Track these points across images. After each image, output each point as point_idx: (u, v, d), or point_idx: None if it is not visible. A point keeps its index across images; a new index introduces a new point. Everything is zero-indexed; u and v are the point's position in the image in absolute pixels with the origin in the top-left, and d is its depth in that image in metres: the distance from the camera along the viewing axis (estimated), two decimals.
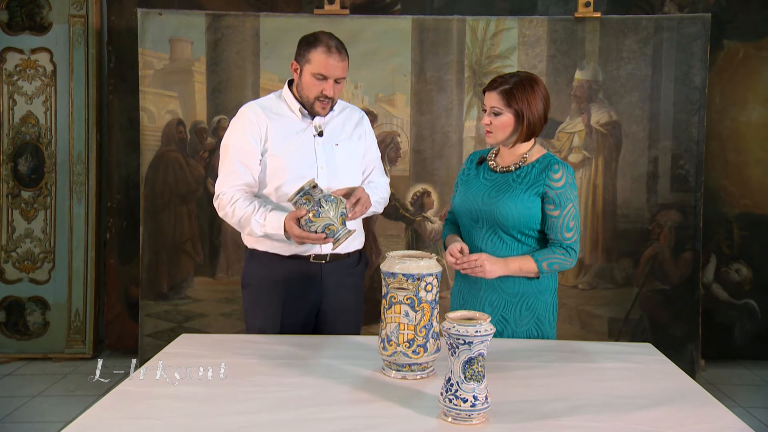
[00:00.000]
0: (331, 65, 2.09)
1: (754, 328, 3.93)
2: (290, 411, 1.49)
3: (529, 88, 1.96)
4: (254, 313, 2.21)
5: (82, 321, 3.98)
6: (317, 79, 2.10)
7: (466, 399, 1.41)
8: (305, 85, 2.13)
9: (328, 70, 2.09)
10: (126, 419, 1.44)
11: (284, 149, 2.14)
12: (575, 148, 3.67)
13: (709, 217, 3.80)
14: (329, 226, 1.88)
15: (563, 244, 2.00)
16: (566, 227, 1.99)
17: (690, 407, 1.52)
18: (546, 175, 1.98)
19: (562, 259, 1.99)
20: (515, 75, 2.00)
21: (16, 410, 3.21)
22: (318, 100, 2.13)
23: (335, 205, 1.90)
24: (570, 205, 1.99)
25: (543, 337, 2.06)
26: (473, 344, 1.40)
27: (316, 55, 2.09)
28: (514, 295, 2.03)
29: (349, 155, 2.23)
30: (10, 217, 4.02)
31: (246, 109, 2.21)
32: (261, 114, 2.16)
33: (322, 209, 1.87)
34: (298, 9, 3.84)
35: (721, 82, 3.87)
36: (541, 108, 1.99)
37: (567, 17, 3.66)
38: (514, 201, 1.98)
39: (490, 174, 2.08)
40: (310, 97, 2.14)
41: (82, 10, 3.96)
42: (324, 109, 2.16)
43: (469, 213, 2.07)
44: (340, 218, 1.89)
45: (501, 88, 1.97)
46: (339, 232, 1.90)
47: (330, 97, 2.12)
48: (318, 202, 1.88)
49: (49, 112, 4.02)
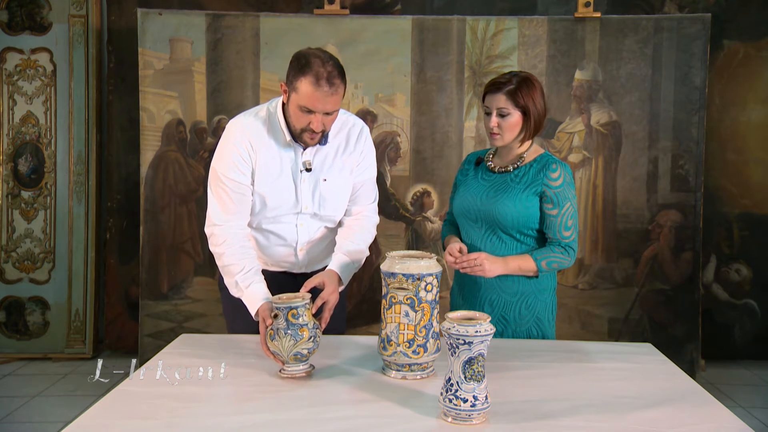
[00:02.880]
0: (318, 99, 1.83)
1: (754, 328, 3.93)
2: (290, 411, 1.49)
3: (531, 85, 1.98)
4: (234, 318, 2.14)
5: (82, 321, 3.98)
6: (303, 111, 1.87)
7: (466, 399, 1.41)
8: (292, 114, 1.91)
9: (314, 105, 1.84)
10: (126, 419, 1.44)
11: (269, 188, 2.00)
12: (575, 148, 3.67)
13: (709, 217, 3.80)
14: (278, 356, 1.69)
15: (562, 243, 2.00)
16: (564, 226, 1.99)
17: (690, 407, 1.52)
18: (544, 175, 1.99)
19: (561, 258, 2.00)
20: (515, 74, 2.00)
21: (16, 410, 3.21)
22: (304, 132, 1.92)
23: (294, 341, 1.66)
24: (568, 204, 1.99)
25: (543, 336, 2.07)
26: (473, 344, 1.40)
27: (303, 85, 1.83)
28: (514, 295, 2.03)
29: (336, 190, 2.06)
30: (10, 217, 4.02)
31: (237, 137, 1.99)
32: (250, 147, 1.98)
33: (278, 336, 1.67)
34: (298, 9, 3.84)
35: (721, 82, 3.87)
36: (542, 104, 2.00)
37: (567, 17, 3.66)
38: (513, 201, 1.99)
39: (488, 174, 2.08)
40: (297, 126, 1.92)
41: (82, 10, 3.96)
42: (312, 140, 1.94)
43: (467, 213, 2.07)
44: (291, 356, 1.67)
45: (506, 88, 1.96)
46: (286, 368, 1.70)
47: (317, 131, 1.91)
48: (279, 329, 1.68)
49: (49, 112, 4.02)
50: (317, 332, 1.71)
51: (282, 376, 1.68)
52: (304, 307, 1.69)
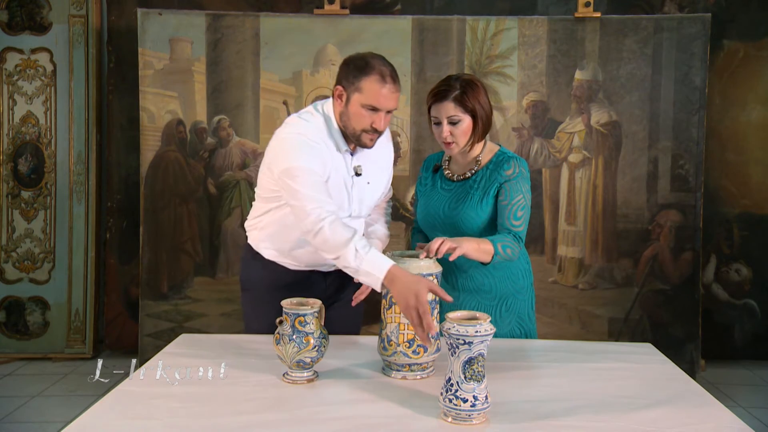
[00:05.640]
0: (384, 96, 1.85)
1: (754, 328, 3.93)
2: (290, 411, 1.49)
3: (475, 87, 1.94)
4: (254, 317, 2.15)
5: (82, 321, 3.98)
6: (367, 110, 1.86)
7: (466, 399, 1.41)
8: (352, 115, 1.89)
9: (381, 102, 1.85)
10: (126, 419, 1.44)
11: (332, 194, 1.94)
12: (575, 148, 3.67)
13: (709, 217, 3.80)
14: (282, 360, 1.68)
15: (511, 230, 1.96)
16: (514, 215, 1.96)
17: (690, 407, 1.52)
18: (498, 174, 1.97)
19: (512, 245, 1.94)
20: (455, 78, 1.96)
21: (16, 410, 3.21)
22: (365, 132, 1.90)
23: (298, 349, 1.65)
24: (520, 196, 1.96)
25: (526, 333, 2.07)
26: (473, 344, 1.40)
27: (369, 83, 1.84)
28: (493, 298, 2.04)
29: (376, 190, 2.09)
30: (10, 217, 4.02)
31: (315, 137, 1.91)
32: (328, 155, 1.92)
33: (283, 341, 1.65)
34: (298, 9, 3.84)
35: (721, 82, 3.87)
36: (488, 104, 1.98)
37: (567, 17, 3.66)
38: (475, 210, 1.98)
39: (447, 184, 2.06)
40: (356, 128, 1.90)
41: (82, 10, 3.96)
42: (372, 141, 1.93)
43: (432, 226, 2.06)
44: (294, 363, 1.65)
45: (453, 95, 1.92)
46: (289, 372, 1.69)
47: (381, 130, 1.91)
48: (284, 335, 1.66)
49: (49, 112, 4.02)
50: (323, 341, 1.69)
51: (284, 381, 1.68)
52: (312, 316, 1.68)
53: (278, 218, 2.03)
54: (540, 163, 3.69)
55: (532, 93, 3.66)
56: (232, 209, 3.75)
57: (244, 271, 2.20)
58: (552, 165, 3.69)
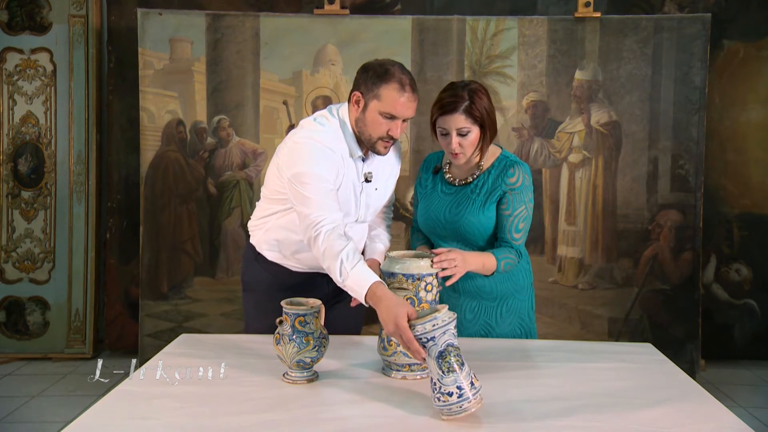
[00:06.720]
0: (403, 105, 1.85)
1: (754, 328, 3.93)
2: (290, 411, 1.49)
3: (481, 94, 1.91)
4: (256, 318, 2.15)
5: (82, 321, 3.98)
6: (385, 117, 1.86)
7: (451, 392, 1.40)
8: (369, 122, 1.88)
9: (399, 111, 1.85)
10: (126, 419, 1.44)
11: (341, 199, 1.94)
12: (575, 148, 3.67)
13: (709, 217, 3.80)
14: (282, 360, 1.68)
15: (511, 244, 1.97)
16: (515, 228, 1.96)
17: (690, 407, 1.52)
18: (502, 180, 1.95)
19: (514, 260, 1.97)
20: (462, 87, 1.92)
21: (16, 410, 3.21)
22: (381, 140, 1.90)
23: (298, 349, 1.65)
24: (522, 207, 1.96)
25: (527, 333, 2.07)
26: (436, 338, 1.39)
27: (388, 91, 1.84)
28: (494, 300, 2.03)
29: (383, 196, 2.10)
30: (10, 217, 4.02)
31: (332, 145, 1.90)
32: (341, 162, 1.92)
33: (283, 341, 1.65)
34: (298, 9, 3.84)
35: (721, 82, 3.87)
36: (493, 110, 1.95)
37: (567, 17, 3.66)
38: (476, 215, 1.96)
39: (448, 187, 2.04)
40: (372, 135, 1.90)
41: (82, 10, 3.96)
42: (386, 149, 1.93)
43: (433, 230, 2.06)
44: (294, 363, 1.65)
45: (463, 106, 1.88)
46: (289, 372, 1.69)
47: (396, 138, 1.91)
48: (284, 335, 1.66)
49: (49, 112, 4.02)
50: (323, 341, 1.69)
51: (284, 381, 1.68)
52: (312, 316, 1.68)
53: (284, 223, 2.03)
54: (540, 163, 3.69)
55: (532, 93, 3.67)
56: (232, 209, 3.75)
57: (245, 271, 2.20)
58: (552, 165, 3.69)
